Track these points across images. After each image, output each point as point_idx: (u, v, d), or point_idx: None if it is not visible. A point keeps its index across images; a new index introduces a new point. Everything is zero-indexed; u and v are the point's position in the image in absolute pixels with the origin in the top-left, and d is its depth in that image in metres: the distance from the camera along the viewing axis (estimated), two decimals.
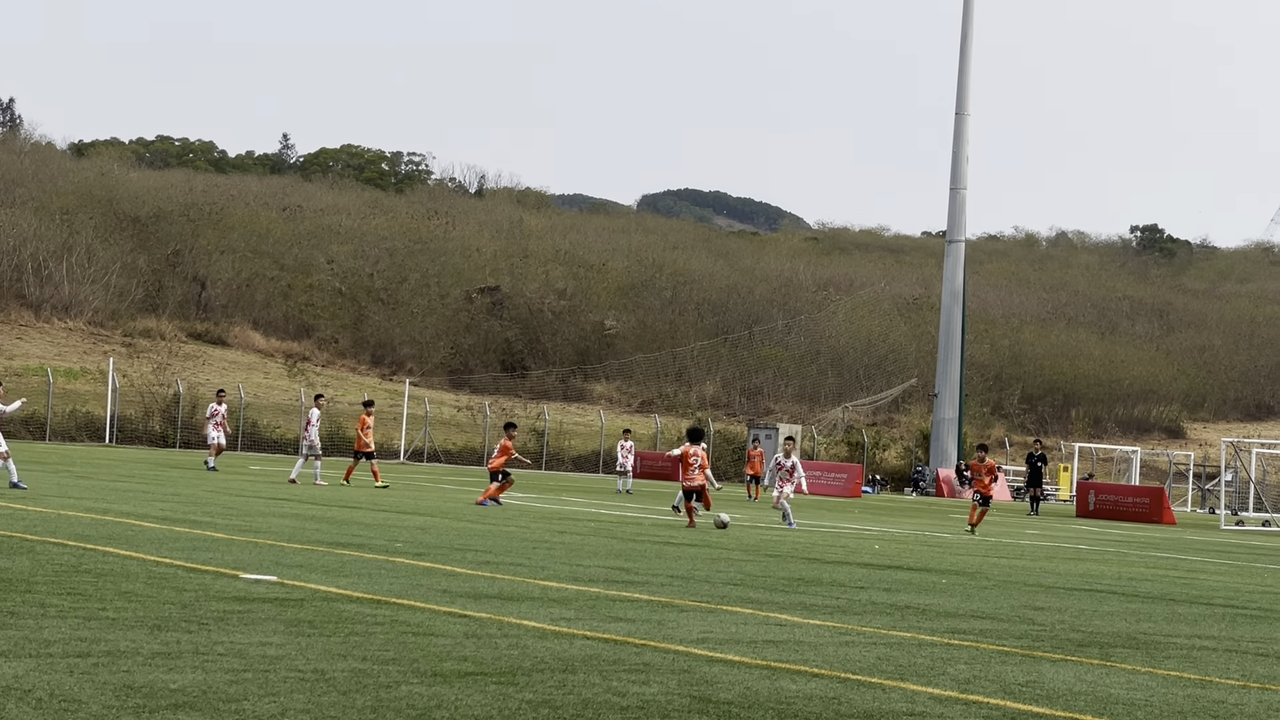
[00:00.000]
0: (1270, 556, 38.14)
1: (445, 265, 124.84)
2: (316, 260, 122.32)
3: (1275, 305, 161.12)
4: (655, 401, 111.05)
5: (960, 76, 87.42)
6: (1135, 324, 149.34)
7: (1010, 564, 28.01)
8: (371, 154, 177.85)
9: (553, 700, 10.23)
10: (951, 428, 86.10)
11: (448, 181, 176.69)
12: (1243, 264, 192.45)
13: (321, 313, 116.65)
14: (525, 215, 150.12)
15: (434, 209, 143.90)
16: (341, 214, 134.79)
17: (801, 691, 11.17)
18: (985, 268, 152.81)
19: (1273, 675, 13.81)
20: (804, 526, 36.47)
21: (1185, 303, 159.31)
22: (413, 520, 29.69)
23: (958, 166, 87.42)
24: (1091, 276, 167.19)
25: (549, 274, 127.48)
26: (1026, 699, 11.50)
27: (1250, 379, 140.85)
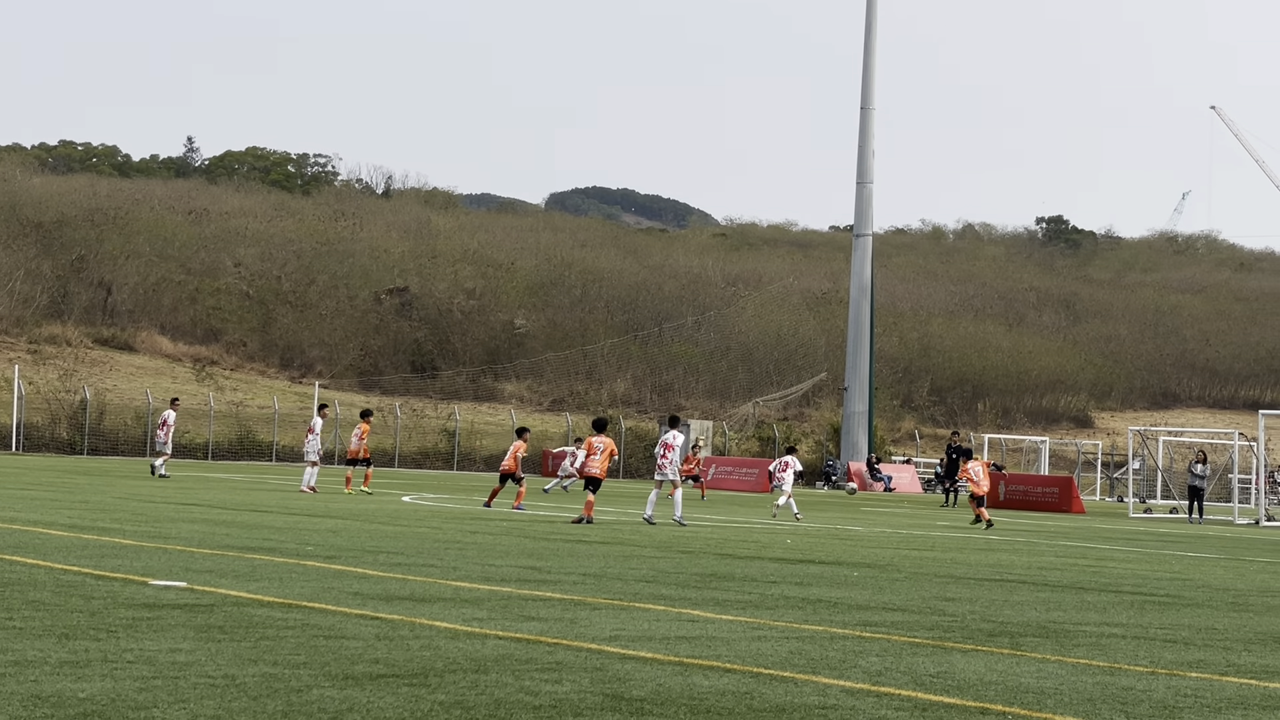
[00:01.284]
0: (1177, 543, 38.50)
1: (353, 267, 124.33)
2: (223, 263, 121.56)
3: (1179, 294, 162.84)
4: (566, 400, 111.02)
5: (865, 71, 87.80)
6: (1042, 315, 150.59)
7: (921, 556, 28.14)
8: (277, 156, 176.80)
9: (465, 701, 10.20)
10: (862, 421, 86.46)
11: (354, 183, 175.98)
12: (1147, 254, 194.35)
13: (229, 316, 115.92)
14: (433, 215, 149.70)
15: (341, 210, 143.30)
16: (248, 217, 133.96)
17: (714, 687, 11.19)
18: (893, 261, 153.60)
19: (1181, 661, 13.94)
20: (715, 523, 36.51)
21: (1091, 293, 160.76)
22: (324, 523, 29.54)
23: (864, 161, 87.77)
24: (998, 268, 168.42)
25: (458, 274, 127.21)
26: (938, 690, 11.55)
27: (1156, 368, 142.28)
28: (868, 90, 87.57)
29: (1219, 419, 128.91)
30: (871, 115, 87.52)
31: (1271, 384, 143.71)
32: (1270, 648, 15.42)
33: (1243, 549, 37.19)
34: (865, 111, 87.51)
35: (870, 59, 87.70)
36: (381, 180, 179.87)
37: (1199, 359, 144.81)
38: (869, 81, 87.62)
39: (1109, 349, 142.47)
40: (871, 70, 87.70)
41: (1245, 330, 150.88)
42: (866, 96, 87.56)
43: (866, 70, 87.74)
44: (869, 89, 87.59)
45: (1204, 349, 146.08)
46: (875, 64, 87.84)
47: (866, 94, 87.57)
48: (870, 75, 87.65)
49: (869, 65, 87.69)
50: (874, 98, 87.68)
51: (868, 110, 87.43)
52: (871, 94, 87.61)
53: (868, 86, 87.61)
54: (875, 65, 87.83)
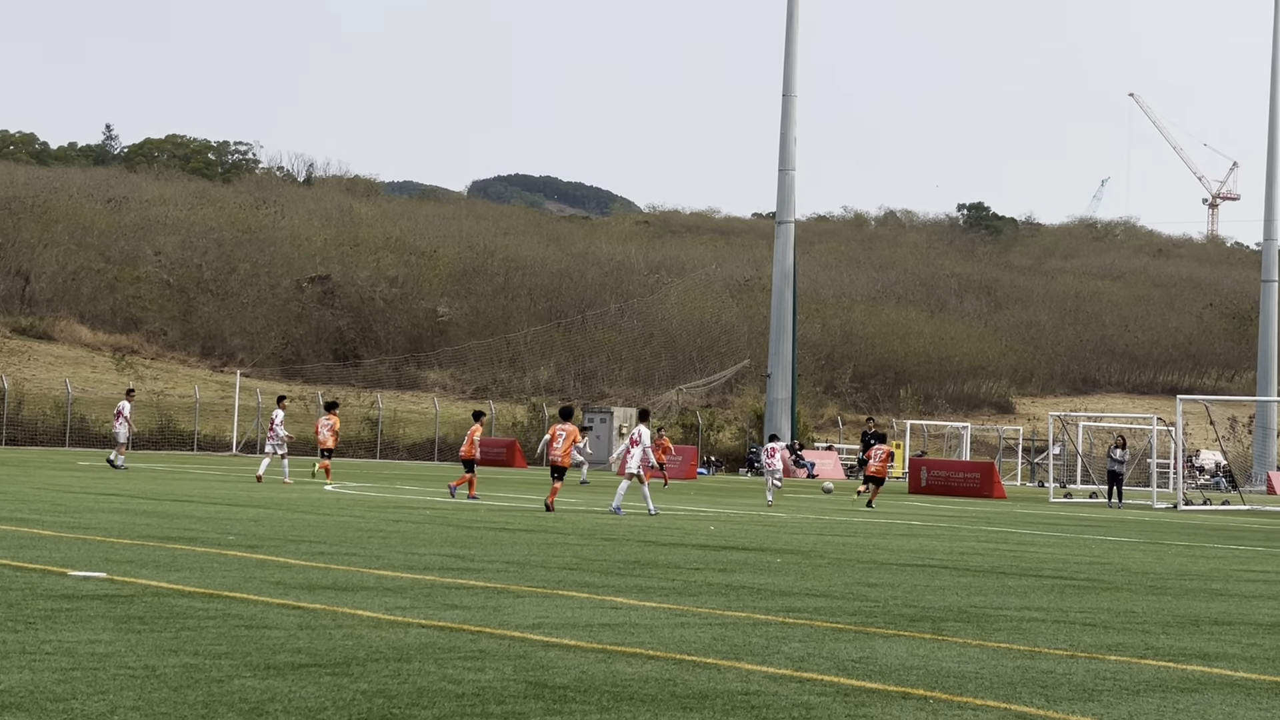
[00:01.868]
0: (1097, 528, 38.80)
1: (275, 255, 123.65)
2: (143, 252, 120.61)
3: (1099, 281, 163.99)
4: (490, 388, 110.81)
5: (787, 58, 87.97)
6: (963, 301, 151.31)
7: (844, 542, 28.24)
8: (197, 144, 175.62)
9: (387, 689, 10.17)
10: (785, 407, 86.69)
11: (276, 170, 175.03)
12: (1067, 240, 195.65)
13: (149, 305, 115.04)
14: (355, 203, 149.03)
15: (262, 198, 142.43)
16: (168, 205, 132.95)
17: (637, 674, 11.19)
18: (815, 248, 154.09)
19: (1100, 644, 14.04)
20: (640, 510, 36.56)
21: (1012, 280, 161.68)
22: (246, 512, 29.39)
23: (786, 148, 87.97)
24: (920, 255, 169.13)
25: (380, 262, 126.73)
26: (859, 675, 11.59)
27: (1076, 354, 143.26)
28: (789, 77, 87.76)
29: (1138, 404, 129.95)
30: (793, 102, 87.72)
31: (1189, 369, 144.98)
32: (1187, 630, 15.57)
33: (1161, 533, 37.53)
34: (787, 98, 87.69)
35: (792, 46, 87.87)
36: (303, 168, 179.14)
37: (1118, 345, 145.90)
38: (791, 68, 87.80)
39: (1029, 335, 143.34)
40: (793, 57, 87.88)
41: (1163, 316, 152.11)
42: (788, 83, 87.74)
43: (788, 57, 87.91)
44: (791, 76, 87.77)
45: (1123, 335, 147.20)
46: (797, 51, 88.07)
47: (788, 81, 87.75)
48: (792, 62, 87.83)
49: (791, 52, 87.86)
50: (795, 84, 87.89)
51: (789, 97, 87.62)
52: (793, 81, 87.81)
53: (789, 73, 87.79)
54: (797, 52, 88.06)
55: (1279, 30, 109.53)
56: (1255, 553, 30.63)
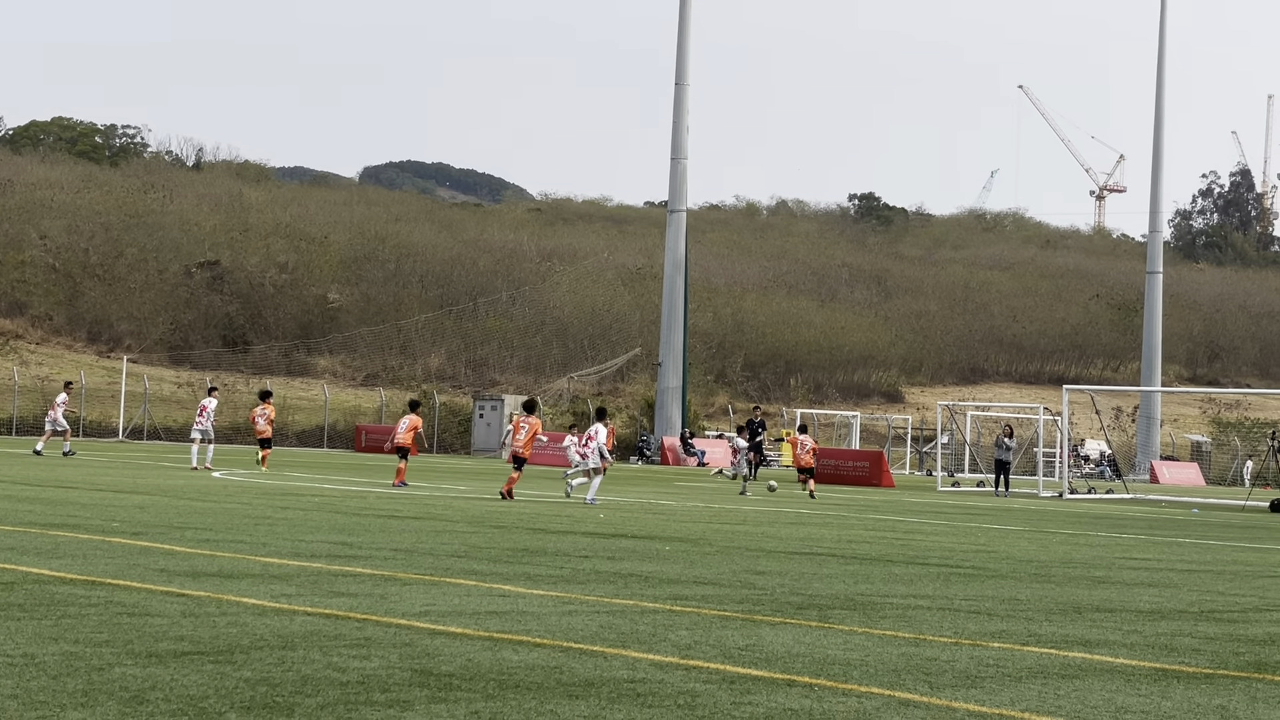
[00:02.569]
0: (984, 516, 39.12)
1: (163, 240, 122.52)
2: (28, 236, 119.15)
3: (988, 271, 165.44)
4: (380, 375, 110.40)
5: (680, 47, 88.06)
6: (854, 291, 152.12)
7: (733, 530, 28.31)
8: (84, 126, 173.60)
9: (271, 678, 10.09)
10: (676, 396, 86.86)
11: (164, 154, 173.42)
12: (956, 231, 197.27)
13: (35, 290, 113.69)
14: (245, 188, 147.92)
15: (151, 182, 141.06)
16: (54, 188, 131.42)
17: (524, 661, 11.17)
18: (708, 237, 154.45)
19: (984, 632, 14.15)
20: (530, 497, 36.48)
21: (902, 270, 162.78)
22: (131, 499, 29.10)
23: (678, 137, 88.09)
24: (811, 244, 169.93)
25: (270, 247, 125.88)
26: (746, 662, 11.62)
27: (965, 344, 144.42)
28: (682, 66, 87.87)
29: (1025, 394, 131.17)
30: (686, 91, 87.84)
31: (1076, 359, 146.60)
32: (1070, 618, 15.71)
33: (1046, 521, 37.88)
34: (680, 87, 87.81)
35: (685, 35, 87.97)
36: (192, 152, 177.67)
37: (1006, 335, 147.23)
38: (684, 57, 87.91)
39: (919, 325, 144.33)
40: (686, 46, 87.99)
41: (1051, 307, 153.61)
42: (681, 72, 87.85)
43: (681, 46, 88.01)
44: (684, 65, 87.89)
45: (1011, 325, 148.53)
46: (690, 40, 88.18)
47: (681, 70, 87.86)
48: (685, 51, 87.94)
49: (684, 41, 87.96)
50: (689, 73, 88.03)
51: (682, 86, 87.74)
52: (686, 70, 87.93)
53: (683, 62, 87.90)
54: (690, 41, 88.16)
55: (1165, 25, 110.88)
56: (1137, 541, 30.97)
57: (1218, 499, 63.46)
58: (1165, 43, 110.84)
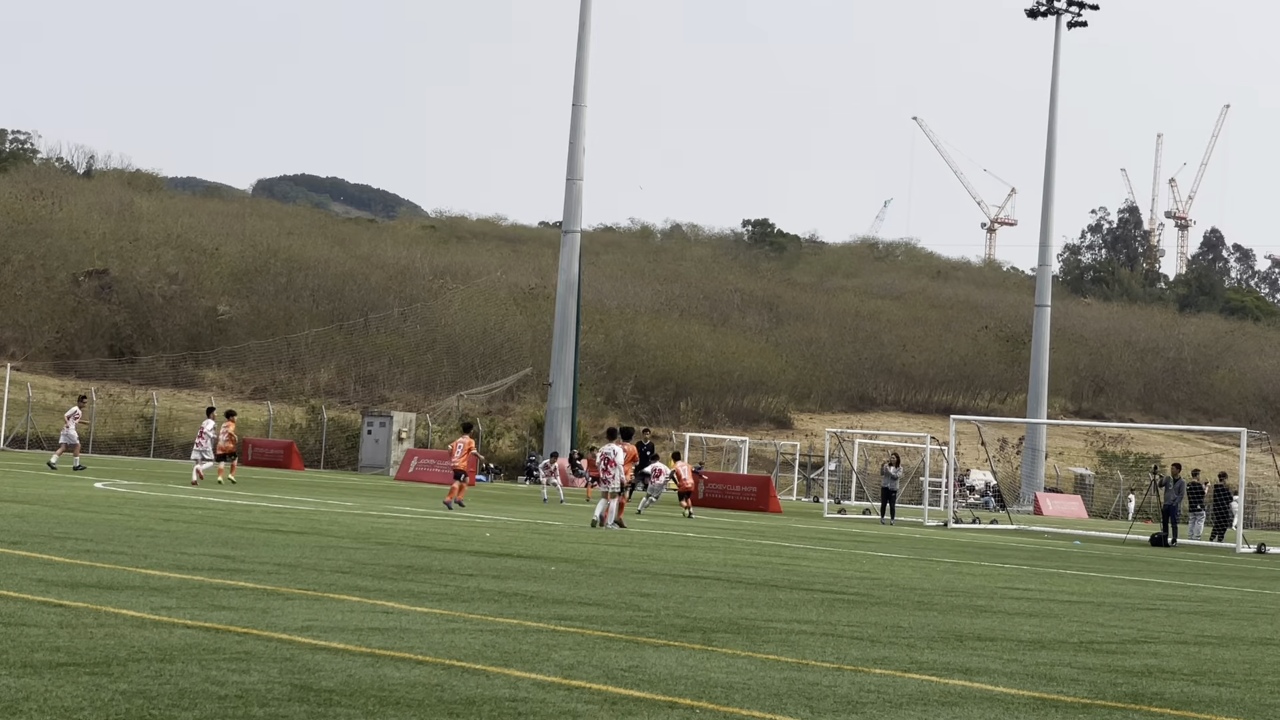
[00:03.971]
0: (869, 543, 39.32)
1: (51, 247, 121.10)
2: None
3: (879, 300, 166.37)
4: (269, 388, 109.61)
5: (578, 68, 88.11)
6: (746, 316, 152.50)
7: (619, 551, 28.31)
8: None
9: (148, 690, 9.98)
10: (565, 416, 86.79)
11: (54, 161, 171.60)
12: (849, 259, 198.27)
13: None
14: (136, 198, 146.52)
15: (39, 189, 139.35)
16: None
17: (405, 678, 11.11)
18: (601, 259, 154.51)
19: (865, 658, 14.21)
20: (415, 515, 36.28)
21: (794, 296, 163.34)
22: (10, 508, 28.74)
23: (574, 158, 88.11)
24: (704, 269, 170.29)
25: (160, 258, 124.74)
26: (628, 684, 11.61)
27: (855, 371, 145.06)
28: (580, 87, 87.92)
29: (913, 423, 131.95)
30: (583, 112, 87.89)
31: (964, 390, 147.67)
32: (952, 645, 15.81)
33: (931, 550, 38.13)
34: (577, 108, 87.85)
35: (583, 56, 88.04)
36: (83, 160, 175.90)
37: (896, 364, 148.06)
38: (581, 79, 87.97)
39: (810, 352, 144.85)
40: (584, 67, 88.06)
41: (940, 337, 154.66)
42: (579, 93, 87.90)
43: (579, 67, 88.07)
44: (581, 86, 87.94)
45: (901, 354, 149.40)
46: (588, 61, 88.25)
47: (579, 91, 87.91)
48: (583, 72, 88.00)
49: (582, 62, 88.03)
50: (586, 95, 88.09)
51: (579, 107, 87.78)
52: (584, 91, 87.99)
53: (580, 83, 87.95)
54: (588, 62, 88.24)
55: (1058, 60, 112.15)
56: (1020, 571, 31.23)
57: (1100, 531, 64.13)
58: (1058, 78, 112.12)
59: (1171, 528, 54.63)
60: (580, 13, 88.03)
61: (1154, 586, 29.21)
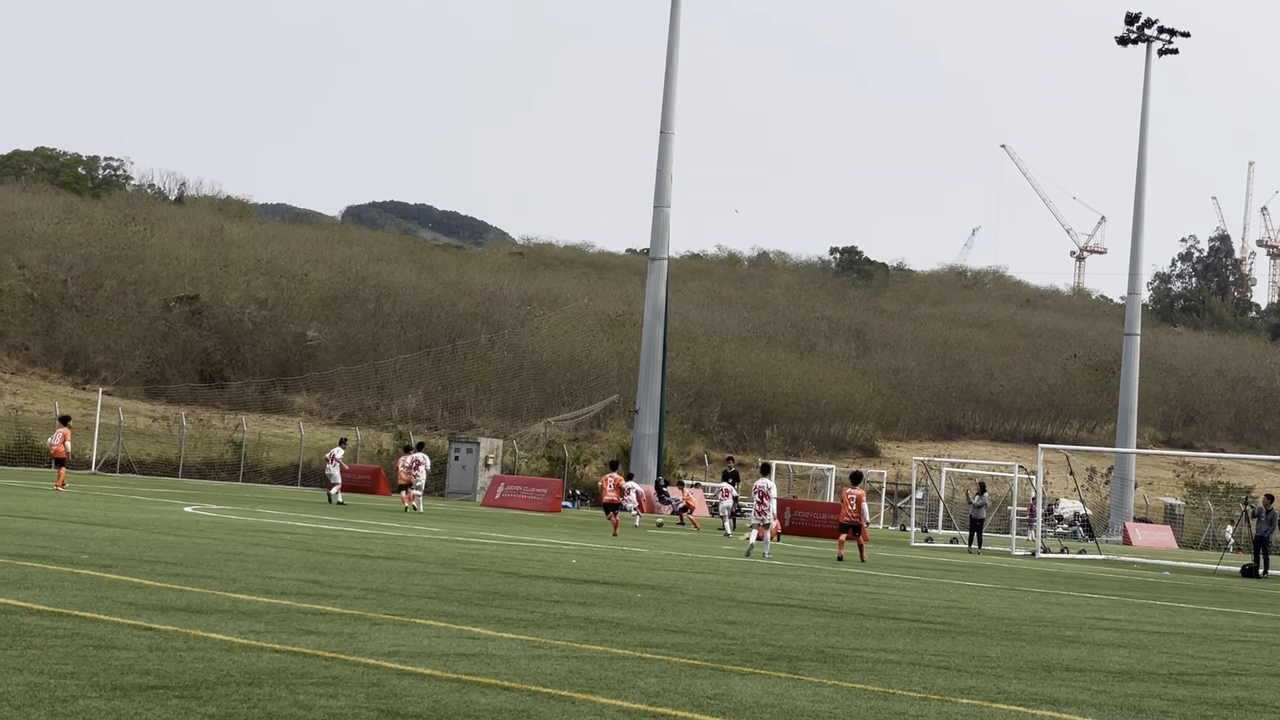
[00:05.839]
0: (956, 572, 39.08)
1: (143, 273, 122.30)
2: (7, 265, 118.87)
3: (966, 328, 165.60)
4: (356, 414, 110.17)
5: (665, 96, 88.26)
6: (833, 344, 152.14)
7: (705, 579, 28.25)
8: (67, 157, 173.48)
9: (236, 714, 10.03)
10: (652, 444, 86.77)
11: (147, 188, 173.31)
12: (937, 287, 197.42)
13: (12, 319, 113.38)
14: (226, 224, 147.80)
15: (132, 215, 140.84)
16: (35, 218, 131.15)
17: (491, 704, 11.12)
18: (688, 286, 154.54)
19: (953, 687, 14.12)
20: (502, 541, 36.39)
21: (881, 324, 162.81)
22: (102, 532, 28.98)
23: (662, 185, 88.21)
24: (791, 296, 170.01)
25: (250, 284, 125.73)
26: (714, 711, 11.58)
27: (942, 399, 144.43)
28: (668, 115, 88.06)
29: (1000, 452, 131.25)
30: (671, 140, 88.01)
31: (1052, 419, 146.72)
32: (1039, 676, 15.69)
33: (1019, 579, 37.86)
34: (665, 136, 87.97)
35: (671, 84, 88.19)
36: (175, 186, 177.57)
37: (983, 392, 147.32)
38: (669, 106, 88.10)
39: (897, 380, 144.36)
40: (672, 95, 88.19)
41: (1028, 366, 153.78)
42: (666, 121, 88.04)
43: (667, 95, 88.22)
44: (669, 113, 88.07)
45: (988, 383, 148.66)
46: (676, 89, 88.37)
47: (666, 118, 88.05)
48: (671, 100, 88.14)
49: (670, 90, 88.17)
50: (674, 122, 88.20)
51: (667, 134, 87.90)
52: (672, 119, 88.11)
53: (668, 111, 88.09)
54: (676, 90, 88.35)
55: (1149, 88, 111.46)
56: (1109, 601, 30.97)
57: (1190, 562, 63.50)
58: (1149, 106, 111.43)
59: (1264, 559, 53.99)
60: (668, 41, 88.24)
61: (1245, 618, 28.89)
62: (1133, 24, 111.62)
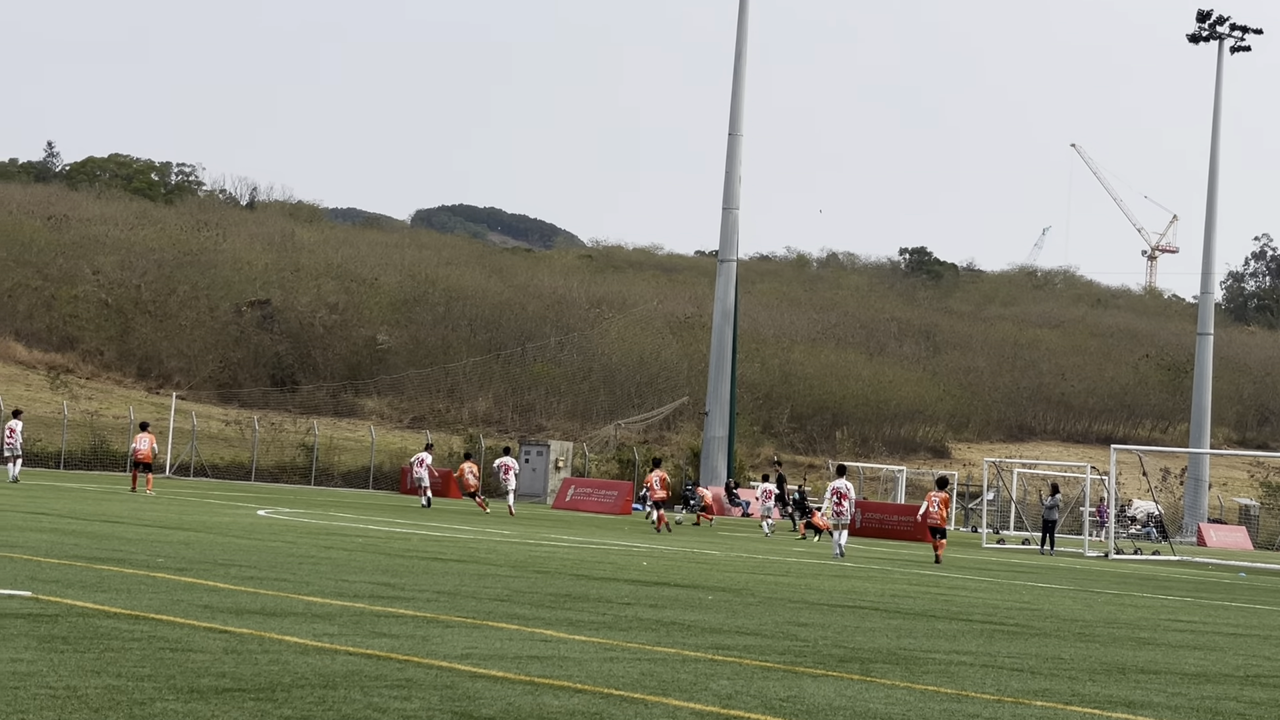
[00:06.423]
0: (1028, 574, 38.92)
1: (215, 278, 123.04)
2: (82, 271, 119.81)
3: (1037, 328, 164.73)
4: (427, 417, 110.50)
5: (734, 97, 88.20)
6: (903, 345, 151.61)
7: (776, 581, 28.24)
8: (140, 164, 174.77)
9: (312, 716, 10.10)
10: (722, 446, 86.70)
11: (218, 193, 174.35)
12: (1007, 287, 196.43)
13: (86, 324, 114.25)
14: (297, 228, 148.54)
15: (204, 220, 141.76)
16: (108, 224, 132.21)
17: (564, 707, 11.15)
18: (757, 288, 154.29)
19: (1026, 689, 14.07)
20: (573, 543, 36.45)
21: (951, 325, 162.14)
22: (176, 535, 29.19)
23: (730, 186, 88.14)
24: (861, 298, 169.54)
25: (321, 288, 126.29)
26: (787, 714, 11.58)
27: (1013, 400, 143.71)
28: (736, 116, 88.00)
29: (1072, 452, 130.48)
30: (739, 141, 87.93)
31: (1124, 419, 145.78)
32: (1114, 678, 15.61)
33: (1091, 581, 37.67)
34: (733, 137, 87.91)
35: (739, 85, 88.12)
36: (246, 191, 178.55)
37: (1055, 393, 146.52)
38: (737, 108, 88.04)
39: (967, 380, 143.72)
40: (740, 96, 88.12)
41: (1100, 366, 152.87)
42: (735, 122, 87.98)
43: (735, 96, 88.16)
44: (738, 115, 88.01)
45: (1060, 383, 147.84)
46: (744, 90, 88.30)
47: (735, 120, 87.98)
48: (739, 101, 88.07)
49: (738, 91, 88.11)
50: (742, 124, 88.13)
51: (735, 136, 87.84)
52: (740, 120, 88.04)
53: (736, 113, 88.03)
54: (744, 91, 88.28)
55: (1221, 85, 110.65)
56: (1183, 603, 30.78)
57: (1265, 563, 63.02)
58: (1220, 103, 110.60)
59: None
60: (736, 42, 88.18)
61: None
62: (1204, 21, 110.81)
